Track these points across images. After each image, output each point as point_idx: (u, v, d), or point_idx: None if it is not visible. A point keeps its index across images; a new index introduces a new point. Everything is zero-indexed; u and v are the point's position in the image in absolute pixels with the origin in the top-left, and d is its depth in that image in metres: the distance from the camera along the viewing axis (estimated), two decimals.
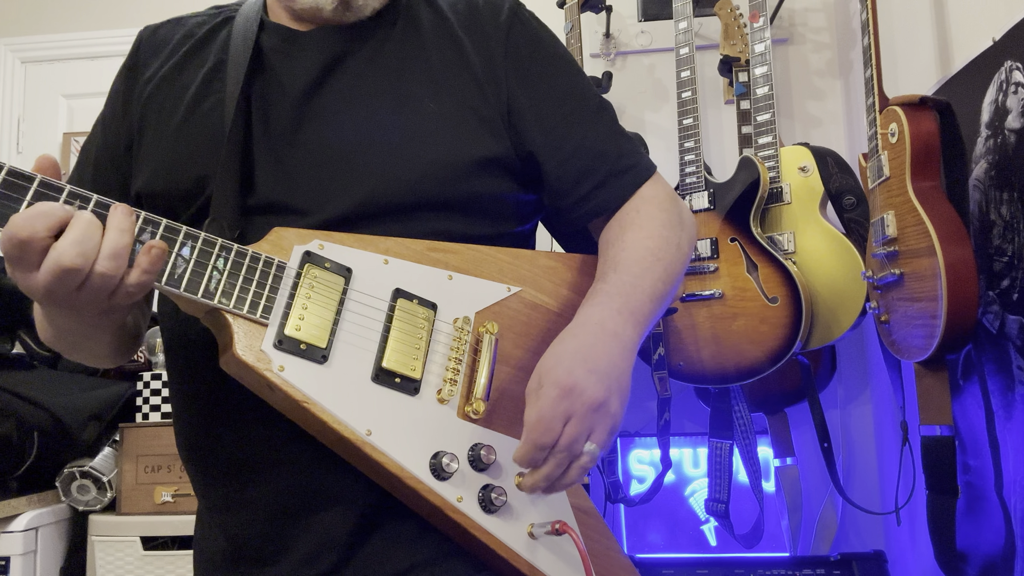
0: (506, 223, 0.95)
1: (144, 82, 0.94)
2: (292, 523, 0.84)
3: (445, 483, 0.78)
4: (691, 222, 1.01)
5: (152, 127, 0.91)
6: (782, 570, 1.96)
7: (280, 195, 0.85)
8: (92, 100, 2.89)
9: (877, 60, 1.69)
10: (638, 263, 0.90)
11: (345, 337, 0.78)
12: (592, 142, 0.96)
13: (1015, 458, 1.43)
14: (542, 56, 0.97)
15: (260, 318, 0.75)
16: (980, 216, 1.52)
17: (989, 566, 1.54)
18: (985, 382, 1.52)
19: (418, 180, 0.87)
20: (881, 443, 2.29)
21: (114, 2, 2.92)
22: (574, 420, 0.75)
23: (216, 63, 0.92)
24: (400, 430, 0.77)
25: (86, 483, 1.97)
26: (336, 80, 0.90)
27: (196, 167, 0.86)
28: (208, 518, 0.92)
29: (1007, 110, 1.42)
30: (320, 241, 0.80)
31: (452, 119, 0.90)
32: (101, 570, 1.91)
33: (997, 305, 1.46)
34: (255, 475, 0.84)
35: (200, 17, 0.99)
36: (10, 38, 2.93)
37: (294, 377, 0.74)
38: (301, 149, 0.87)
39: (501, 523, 0.79)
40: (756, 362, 1.94)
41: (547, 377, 0.77)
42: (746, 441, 2.07)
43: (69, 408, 2.00)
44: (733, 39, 2.25)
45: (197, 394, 0.88)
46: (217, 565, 0.90)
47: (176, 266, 0.72)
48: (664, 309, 0.94)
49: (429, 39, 0.94)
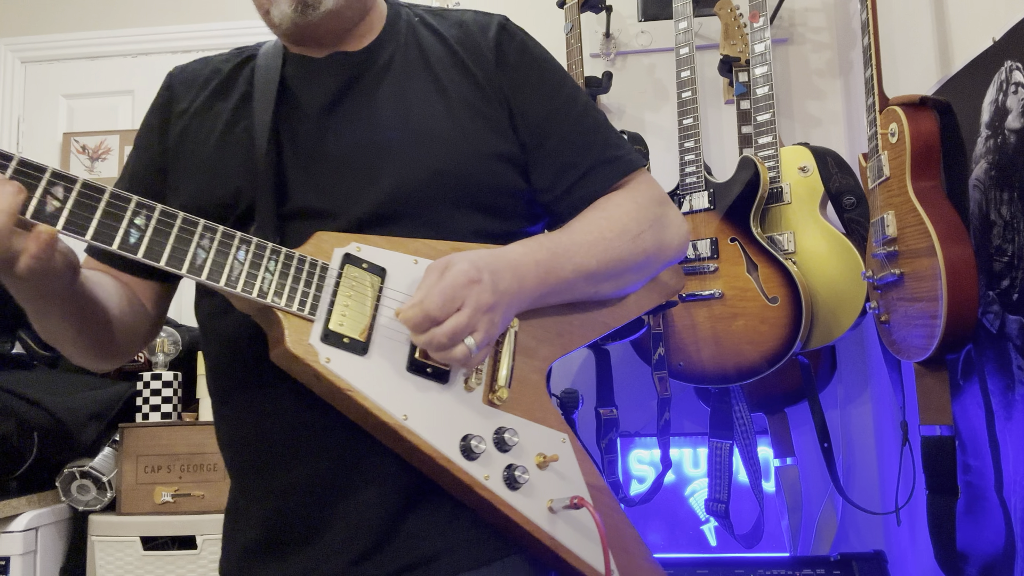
0: (520, 221, 1.02)
1: (178, 115, 1.04)
2: (329, 507, 0.88)
3: (473, 463, 0.85)
4: (675, 228, 1.04)
5: (188, 152, 1.00)
6: (782, 570, 1.96)
7: (311, 201, 0.93)
8: (92, 100, 2.89)
9: (877, 60, 1.69)
10: (582, 233, 0.96)
11: (382, 331, 0.85)
12: (576, 137, 1.02)
13: (1015, 458, 1.43)
14: (530, 63, 1.03)
15: (307, 315, 0.82)
16: (980, 216, 1.52)
17: (989, 566, 1.54)
18: (985, 382, 1.52)
19: (435, 176, 0.93)
20: (881, 443, 2.29)
21: (114, 2, 2.92)
22: (466, 310, 0.82)
23: (244, 94, 1.01)
24: (433, 415, 0.84)
25: (86, 483, 1.97)
26: (351, 96, 0.98)
27: (233, 182, 0.95)
28: (244, 508, 0.96)
29: (1007, 110, 1.42)
30: (357, 244, 0.87)
31: (462, 120, 0.97)
32: (101, 570, 1.91)
33: (997, 305, 1.46)
34: (294, 461, 0.90)
35: (224, 56, 1.09)
36: (10, 38, 2.93)
37: (339, 368, 0.81)
38: (326, 159, 0.95)
39: (523, 499, 0.87)
40: (756, 362, 1.95)
41: (457, 264, 0.84)
42: (746, 441, 2.07)
43: (69, 408, 2.00)
44: (733, 39, 2.25)
45: (237, 386, 0.94)
46: (252, 554, 0.94)
47: (233, 268, 0.79)
48: (593, 290, 0.98)
49: (431, 53, 1.02)
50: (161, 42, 2.89)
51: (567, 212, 1.01)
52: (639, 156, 1.05)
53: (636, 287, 1.06)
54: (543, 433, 0.92)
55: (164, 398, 2.05)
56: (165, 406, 2.04)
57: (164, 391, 2.05)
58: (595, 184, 1.01)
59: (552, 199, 1.01)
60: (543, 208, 1.04)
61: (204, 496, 1.92)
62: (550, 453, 0.90)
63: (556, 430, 0.94)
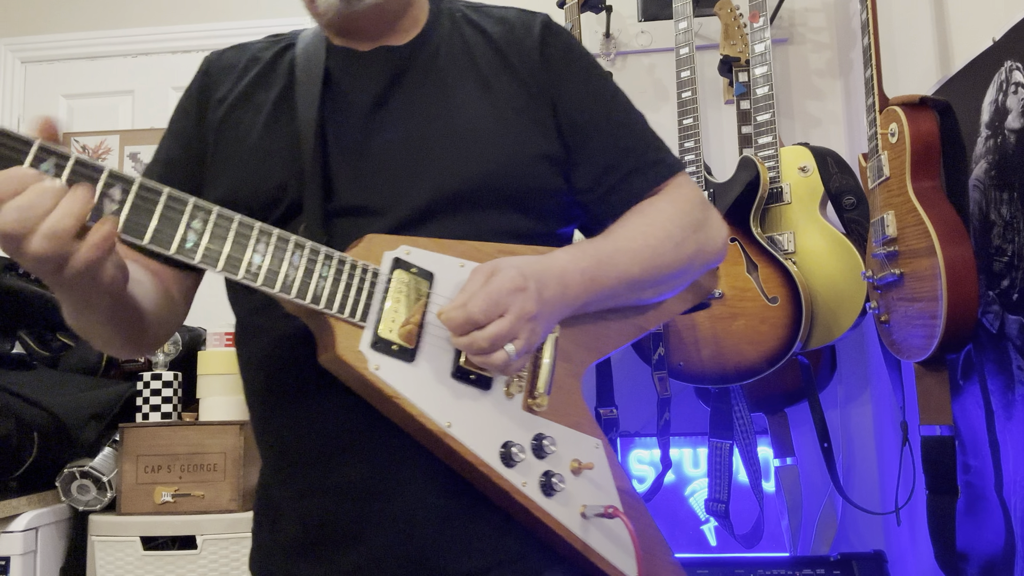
0: (557, 222, 1.02)
1: (217, 102, 1.02)
2: (374, 509, 0.88)
3: (512, 470, 0.86)
4: (715, 232, 1.03)
5: (229, 143, 0.99)
6: (782, 570, 1.96)
7: (357, 199, 0.93)
8: (92, 100, 2.89)
9: (877, 60, 1.69)
10: (626, 240, 0.95)
11: (429, 339, 0.86)
12: (619, 139, 1.01)
13: (1015, 458, 1.43)
14: (574, 63, 1.03)
15: (358, 322, 0.82)
16: (980, 216, 1.52)
17: (989, 566, 1.54)
18: (985, 382, 1.52)
19: (480, 175, 0.93)
20: (881, 443, 2.29)
21: (114, 2, 2.92)
22: (508, 316, 0.81)
23: (285, 85, 1.00)
24: (475, 422, 0.86)
25: (86, 483, 1.97)
26: (398, 93, 0.98)
27: (278, 177, 0.94)
28: (285, 507, 0.95)
29: (1007, 110, 1.42)
30: (407, 247, 0.87)
31: (507, 118, 0.97)
32: (101, 570, 1.91)
33: (997, 305, 1.46)
34: (340, 461, 0.90)
35: (261, 43, 1.08)
36: (10, 38, 2.93)
37: (387, 376, 0.82)
38: (372, 157, 0.95)
39: (558, 505, 0.88)
40: (756, 362, 1.95)
41: (504, 270, 0.83)
42: (746, 441, 2.07)
43: (69, 408, 2.00)
44: (733, 39, 2.25)
45: (281, 384, 0.94)
46: (289, 552, 0.93)
47: (288, 274, 0.79)
48: (635, 297, 0.98)
49: (476, 51, 1.01)
50: (161, 42, 2.89)
51: (606, 214, 1.01)
52: (679, 160, 1.04)
53: (676, 292, 1.05)
54: (578, 439, 0.93)
55: (164, 398, 2.05)
56: (165, 406, 2.04)
57: (164, 391, 2.05)
58: (636, 187, 1.00)
59: (592, 200, 1.01)
60: (582, 209, 1.03)
61: (204, 496, 1.92)
62: (585, 460, 0.91)
63: (590, 435, 0.94)
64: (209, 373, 2.05)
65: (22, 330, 2.31)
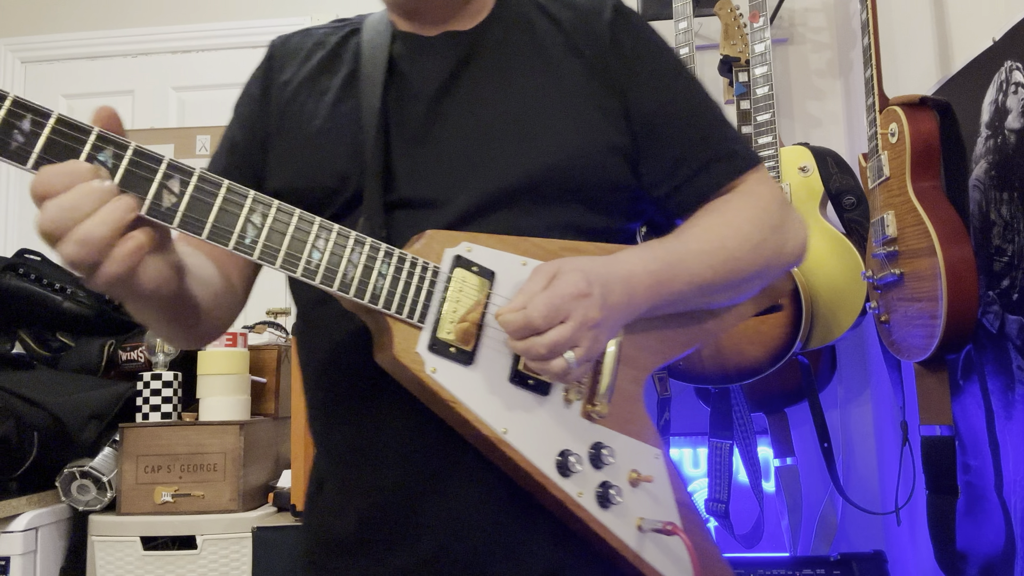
0: (624, 218, 0.97)
1: (281, 86, 1.00)
2: (425, 510, 0.87)
3: (568, 480, 0.83)
4: (794, 233, 0.97)
5: (292, 129, 0.97)
6: (782, 570, 1.96)
7: (417, 191, 0.90)
8: (92, 100, 2.89)
9: (877, 60, 1.69)
10: (699, 241, 0.90)
11: (487, 341, 0.83)
12: (692, 130, 0.96)
13: (1015, 458, 1.43)
14: (645, 48, 0.98)
15: (416, 322, 0.80)
16: (980, 216, 1.52)
17: (989, 566, 1.54)
18: (985, 382, 1.52)
19: (544, 167, 0.89)
20: (881, 443, 2.29)
21: (114, 2, 2.92)
22: (570, 323, 0.77)
23: (350, 71, 0.98)
24: (532, 429, 0.83)
25: (86, 483, 1.97)
26: (462, 81, 0.94)
27: (339, 166, 0.92)
28: (339, 502, 0.92)
29: (1007, 110, 1.42)
30: (468, 244, 0.84)
31: (575, 108, 0.93)
32: (101, 570, 1.91)
33: (997, 305, 1.46)
34: (390, 461, 0.88)
35: (327, 28, 1.05)
36: (10, 38, 2.93)
37: (444, 379, 0.80)
38: (433, 147, 0.92)
39: (614, 517, 0.85)
40: (756, 362, 1.94)
41: (567, 274, 0.79)
42: (746, 441, 2.07)
43: (69, 408, 2.00)
44: (733, 39, 2.25)
45: (340, 379, 0.92)
46: (341, 548, 0.91)
47: (347, 272, 0.77)
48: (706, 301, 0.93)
49: (544, 38, 0.97)
50: (161, 42, 2.89)
51: (677, 210, 0.96)
52: (756, 154, 0.98)
53: (750, 295, 0.99)
54: (637, 448, 0.89)
55: (164, 398, 2.04)
56: (165, 406, 2.04)
57: (164, 391, 2.05)
58: (710, 181, 0.94)
59: (662, 195, 0.95)
60: (651, 204, 0.98)
61: (204, 496, 1.92)
62: (644, 471, 0.88)
63: (650, 445, 0.90)
64: (209, 373, 2.05)
65: (22, 330, 2.31)
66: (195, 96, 2.86)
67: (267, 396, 2.24)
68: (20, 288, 2.27)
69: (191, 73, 2.88)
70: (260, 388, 2.22)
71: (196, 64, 2.89)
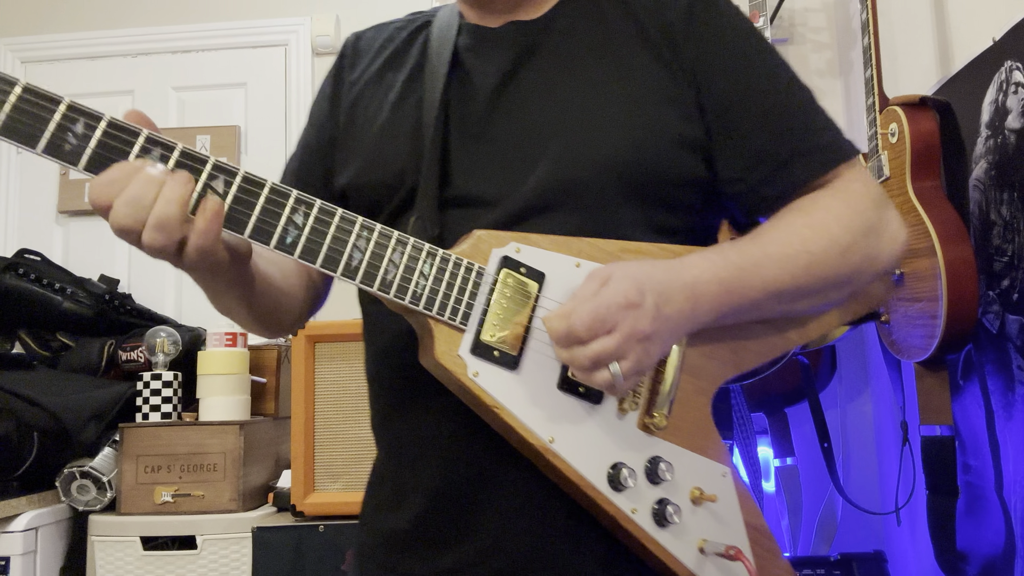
0: (698, 216, 0.91)
1: (350, 84, 1.00)
2: (471, 514, 0.85)
3: (620, 494, 0.79)
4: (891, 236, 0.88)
5: (358, 126, 0.97)
6: None
7: (473, 188, 0.87)
8: (92, 100, 2.84)
9: (877, 60, 1.69)
10: (779, 244, 0.83)
11: (535, 345, 0.80)
12: (776, 120, 0.87)
13: (1015, 458, 1.43)
14: (724, 32, 0.90)
15: (459, 324, 0.78)
16: (980, 216, 1.52)
17: (989, 566, 1.54)
18: (985, 382, 1.52)
19: (606, 162, 0.84)
20: (881, 443, 2.29)
21: (114, 2, 2.92)
22: (615, 335, 0.73)
23: (415, 65, 0.96)
24: (581, 439, 0.79)
25: (86, 483, 1.97)
26: (525, 73, 0.91)
27: (398, 162, 0.90)
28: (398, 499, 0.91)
29: (1007, 110, 1.42)
30: (517, 244, 0.81)
31: (641, 100, 0.87)
32: (101, 570, 1.91)
33: (997, 305, 1.46)
34: (439, 463, 0.86)
35: (400, 22, 1.04)
36: (10, 38, 2.93)
37: (487, 383, 0.78)
38: (491, 142, 0.89)
39: (672, 537, 0.80)
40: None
41: (618, 281, 0.75)
42: (746, 441, 2.06)
43: (69, 408, 2.00)
44: None
45: (398, 378, 0.90)
46: (394, 545, 0.90)
47: (387, 271, 0.77)
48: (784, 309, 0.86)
49: (613, 25, 0.92)
50: (161, 42, 2.89)
51: (759, 208, 0.88)
52: (852, 145, 0.89)
53: (838, 303, 0.91)
54: (702, 465, 0.83)
55: (164, 398, 2.05)
56: (165, 406, 2.04)
57: (164, 391, 2.05)
58: (795, 177, 0.86)
59: (742, 192, 0.88)
60: (729, 201, 0.91)
61: (204, 496, 1.92)
62: (708, 490, 0.82)
63: (717, 462, 0.84)
64: (209, 373, 2.05)
65: (22, 330, 2.31)
66: (195, 96, 2.86)
67: (267, 396, 2.24)
68: (20, 288, 2.27)
69: (191, 73, 2.88)
70: (260, 388, 2.23)
71: (196, 64, 2.89)
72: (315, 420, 1.89)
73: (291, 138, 2.74)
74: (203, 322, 2.37)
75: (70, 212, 2.82)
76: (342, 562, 1.81)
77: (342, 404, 1.89)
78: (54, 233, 2.83)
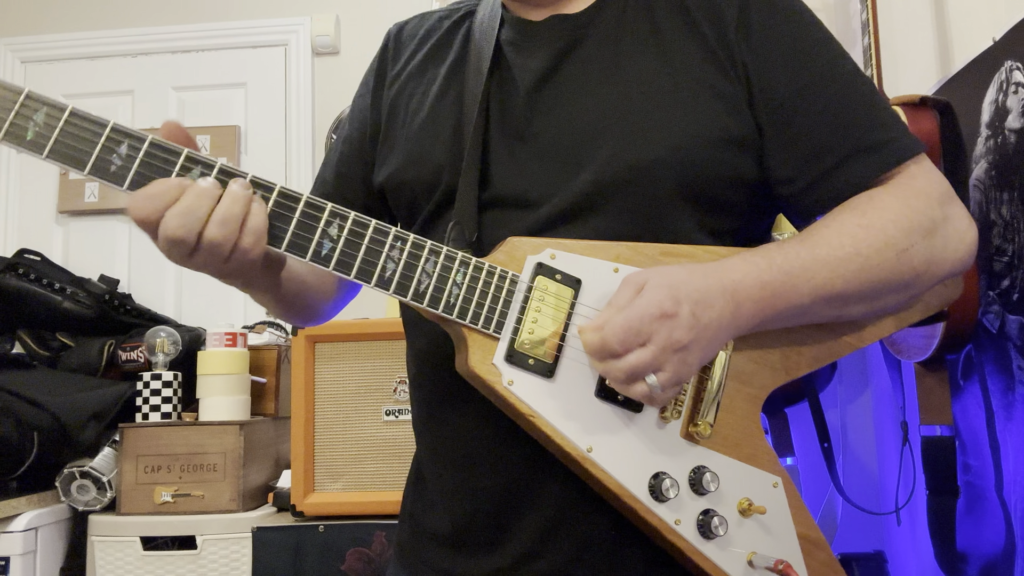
0: (744, 217, 0.86)
1: (392, 78, 0.99)
2: (511, 518, 0.84)
3: (663, 505, 0.77)
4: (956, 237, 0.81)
5: (399, 121, 0.96)
6: None
7: (512, 189, 0.85)
8: (92, 100, 2.89)
9: (877, 60, 1.69)
10: (829, 245, 0.78)
11: (571, 353, 0.79)
12: (833, 115, 0.82)
13: (1015, 458, 1.43)
14: (779, 24, 0.85)
15: (492, 333, 0.78)
16: (980, 216, 1.52)
17: (989, 566, 1.54)
18: (985, 382, 1.52)
19: (651, 164, 0.81)
20: (881, 443, 2.29)
21: (114, 2, 2.92)
22: (650, 347, 0.71)
23: (457, 59, 0.94)
24: (621, 448, 0.78)
25: (86, 483, 1.97)
26: (566, 70, 0.88)
27: (436, 160, 0.89)
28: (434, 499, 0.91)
29: (1007, 110, 1.42)
30: (552, 251, 0.80)
31: (689, 97, 0.83)
32: (101, 570, 1.91)
33: (997, 305, 1.46)
34: (478, 467, 0.86)
35: (443, 12, 1.02)
36: (10, 38, 2.93)
37: (522, 392, 0.77)
38: (531, 141, 0.86)
39: (719, 550, 0.78)
40: None
41: (653, 290, 0.72)
42: None
43: (69, 408, 2.00)
44: None
45: (439, 382, 0.89)
46: (437, 545, 0.90)
47: (420, 281, 0.77)
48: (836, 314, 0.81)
49: (660, 18, 0.88)
50: (161, 42, 2.89)
51: (813, 209, 0.83)
52: (917, 141, 0.83)
53: (897, 308, 0.86)
54: (750, 475, 0.81)
55: (164, 398, 2.05)
56: (165, 406, 2.04)
57: (164, 391, 2.05)
58: (852, 176, 0.81)
59: (794, 192, 0.83)
60: (782, 202, 0.86)
61: (204, 496, 1.92)
62: (757, 501, 0.80)
63: (767, 472, 0.82)
64: (209, 373, 2.05)
65: (22, 330, 2.31)
66: (195, 96, 2.86)
67: (267, 396, 2.24)
68: (20, 288, 2.27)
69: (191, 73, 2.88)
70: (260, 388, 2.23)
71: (196, 64, 2.89)
72: (315, 420, 1.89)
73: (291, 138, 2.74)
74: (203, 322, 2.37)
75: (70, 212, 2.82)
76: (342, 562, 1.81)
77: (342, 404, 1.89)
78: (54, 233, 2.83)
